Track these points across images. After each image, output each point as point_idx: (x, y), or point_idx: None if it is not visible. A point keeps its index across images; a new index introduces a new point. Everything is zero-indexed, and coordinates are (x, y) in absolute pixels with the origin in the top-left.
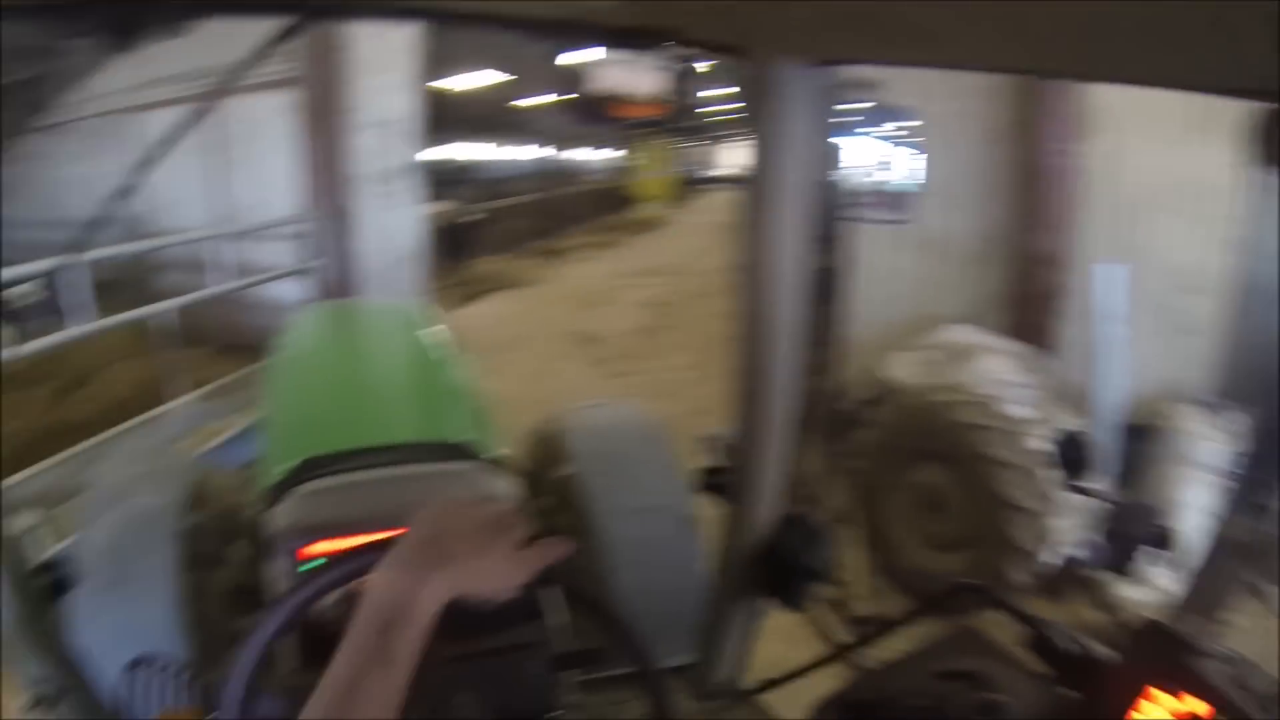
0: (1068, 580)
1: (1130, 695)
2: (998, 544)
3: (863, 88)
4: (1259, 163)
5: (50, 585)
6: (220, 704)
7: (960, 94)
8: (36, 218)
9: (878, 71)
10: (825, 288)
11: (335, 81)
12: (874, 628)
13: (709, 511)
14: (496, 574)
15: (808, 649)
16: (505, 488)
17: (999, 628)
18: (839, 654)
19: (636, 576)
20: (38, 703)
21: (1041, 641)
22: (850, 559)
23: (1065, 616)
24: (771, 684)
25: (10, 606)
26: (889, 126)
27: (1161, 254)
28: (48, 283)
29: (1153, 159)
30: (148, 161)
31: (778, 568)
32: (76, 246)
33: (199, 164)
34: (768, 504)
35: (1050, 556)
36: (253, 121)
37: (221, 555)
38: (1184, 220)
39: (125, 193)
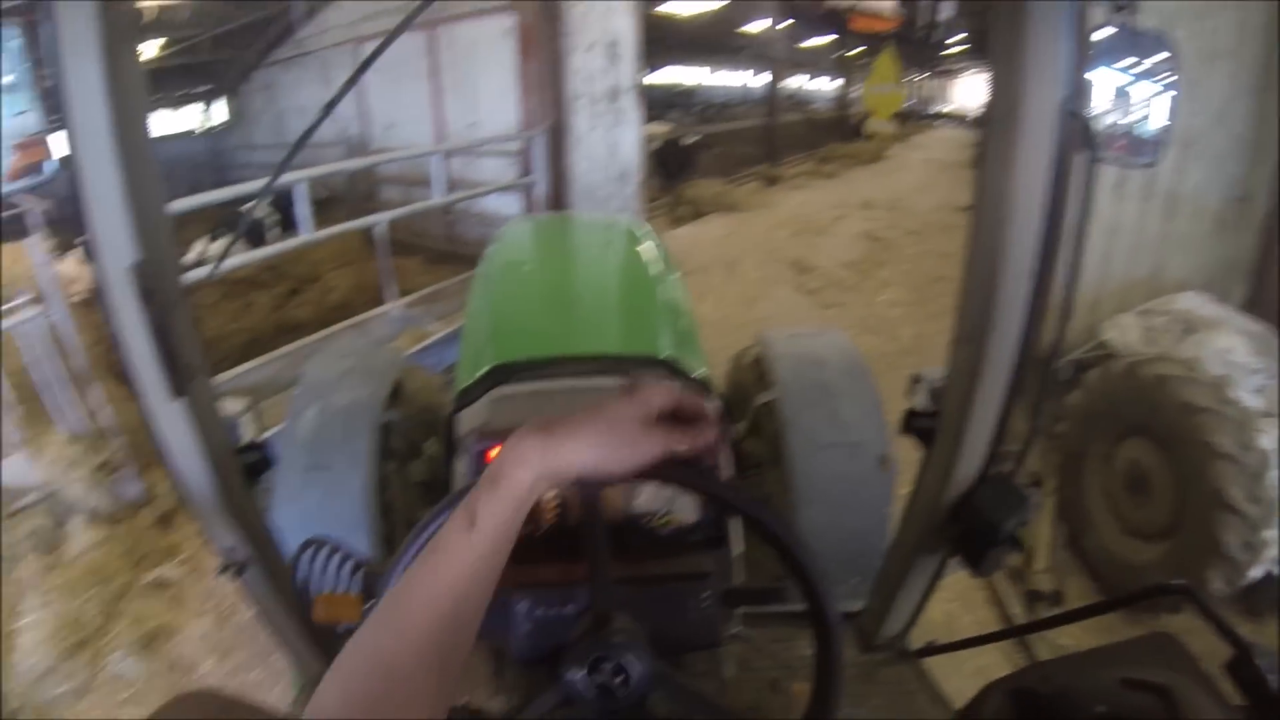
0: (1267, 600)
1: None
2: (1203, 543)
3: (1116, 10)
4: None
5: (252, 464)
6: (379, 592)
7: (1231, 33)
8: (272, 141)
9: None
10: (1060, 233)
11: (554, 3)
12: (1051, 608)
13: (908, 455)
14: (610, 454)
15: (982, 615)
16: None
17: (1191, 641)
18: (1011, 632)
19: (825, 513)
20: (226, 568)
21: (1244, 665)
22: (1040, 530)
23: (1262, 640)
24: (936, 650)
25: (212, 479)
26: (1142, 58)
27: None
28: (279, 198)
29: None
30: (353, 83)
31: (970, 526)
32: (301, 165)
33: (422, 87)
34: (970, 457)
35: (1259, 570)
36: (473, 45)
37: (417, 450)
38: None
39: (327, 111)
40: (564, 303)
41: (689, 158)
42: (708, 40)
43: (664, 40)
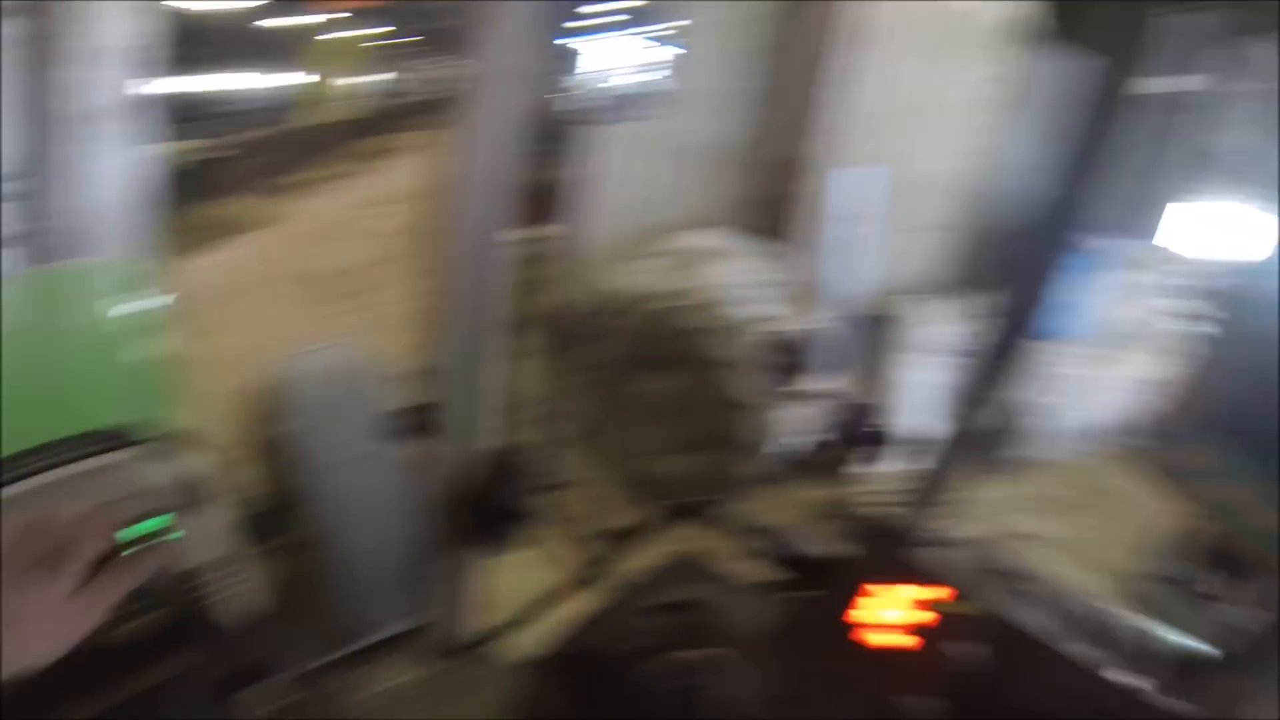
0: (805, 470)
1: (865, 588)
2: (725, 443)
3: None
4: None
5: None
6: None
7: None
8: None
9: None
10: (544, 201)
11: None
12: (612, 546)
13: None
14: (38, 635)
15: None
16: (167, 473)
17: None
18: (568, 589)
19: (355, 535)
20: None
21: (772, 548)
22: (599, 474)
23: (799, 508)
24: (493, 635)
25: None
26: (650, 26)
27: (907, 159)
28: None
29: (906, 74)
30: None
31: (491, 507)
32: None
33: None
34: (467, 441)
35: (775, 450)
36: None
37: None
38: (939, 129)
39: None
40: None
41: (207, 176)
42: (236, 40)
43: (187, 42)
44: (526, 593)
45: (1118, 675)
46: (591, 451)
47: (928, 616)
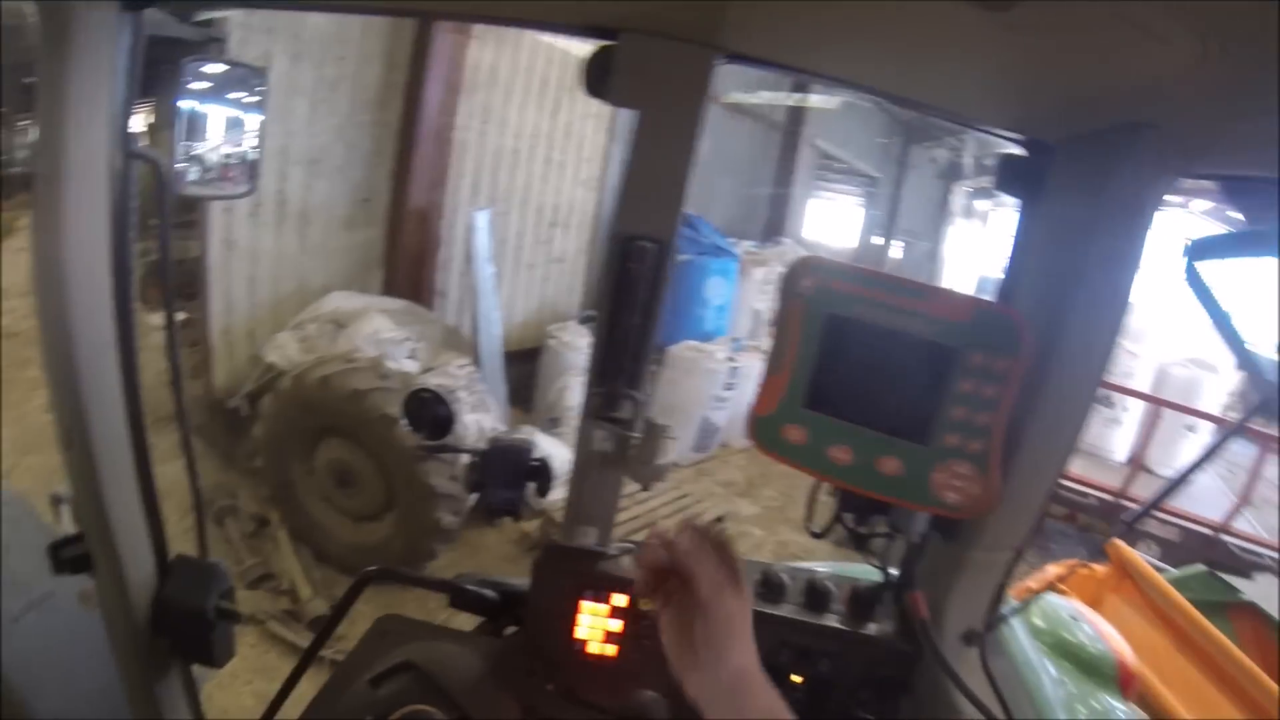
0: (486, 513)
1: (559, 613)
2: (418, 495)
3: (204, 47)
4: (587, 91)
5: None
6: None
7: (354, 61)
8: None
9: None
10: (168, 281)
11: None
12: (319, 627)
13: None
14: None
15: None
16: None
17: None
18: (286, 689)
19: (52, 689)
20: None
21: (460, 597)
22: (287, 564)
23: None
24: None
25: None
26: (243, 91)
27: (535, 196)
28: None
29: (524, 113)
30: None
31: (180, 626)
32: None
33: None
34: (137, 559)
35: (452, 500)
36: None
37: None
38: (552, 165)
39: None
40: None
41: None
42: None
43: None
44: (246, 700)
45: (819, 619)
46: (280, 534)
47: (635, 619)
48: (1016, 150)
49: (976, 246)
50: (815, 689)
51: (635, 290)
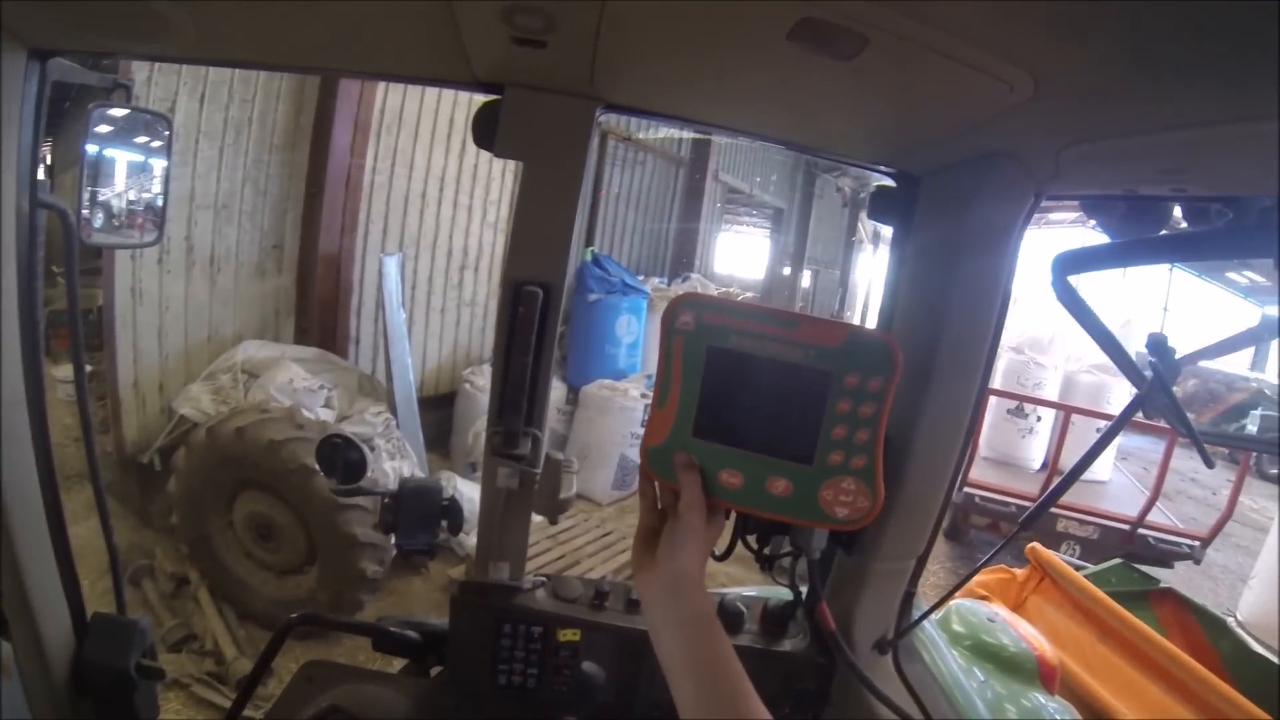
0: (405, 556)
1: (478, 649)
2: (341, 545)
3: (110, 93)
4: (476, 143)
5: None
6: None
7: (261, 101)
8: None
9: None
10: (74, 332)
11: None
12: (244, 683)
13: None
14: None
15: None
16: None
17: None
18: None
19: None
20: None
21: (383, 639)
22: (210, 623)
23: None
24: None
25: None
26: (148, 137)
27: (444, 239)
28: None
29: (430, 156)
30: None
31: (104, 690)
32: None
33: None
34: (53, 624)
35: (371, 547)
36: None
37: None
38: (460, 208)
39: None
40: None
41: None
42: None
43: None
44: None
45: (733, 640)
46: (200, 593)
47: (553, 650)
48: (888, 181)
49: (883, 272)
50: None
51: (527, 332)
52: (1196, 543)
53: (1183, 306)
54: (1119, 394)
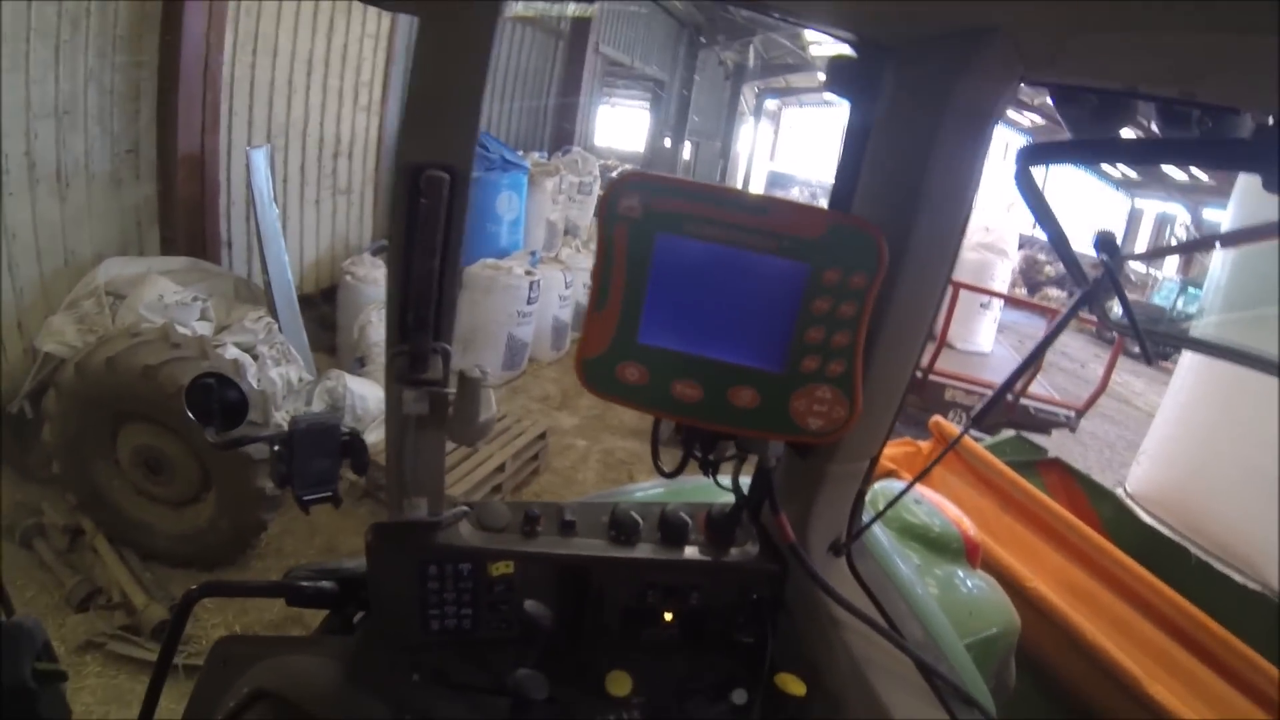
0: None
1: (404, 596)
2: (235, 465)
3: None
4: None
5: None
6: None
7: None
8: None
9: None
10: None
11: None
12: (161, 653)
13: None
14: None
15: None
16: None
17: None
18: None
19: None
20: None
21: (297, 596)
22: (114, 572)
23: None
24: None
25: None
26: None
27: (314, 127)
28: None
29: (295, 39)
30: None
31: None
32: None
33: None
34: None
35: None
36: None
37: None
38: (330, 92)
39: None
40: None
41: None
42: None
43: None
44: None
45: (680, 555)
46: (98, 542)
47: (486, 585)
48: (848, 51)
49: (767, 144)
50: (689, 623)
51: (433, 228)
52: (1072, 413)
53: (1059, 191)
54: (1002, 272)
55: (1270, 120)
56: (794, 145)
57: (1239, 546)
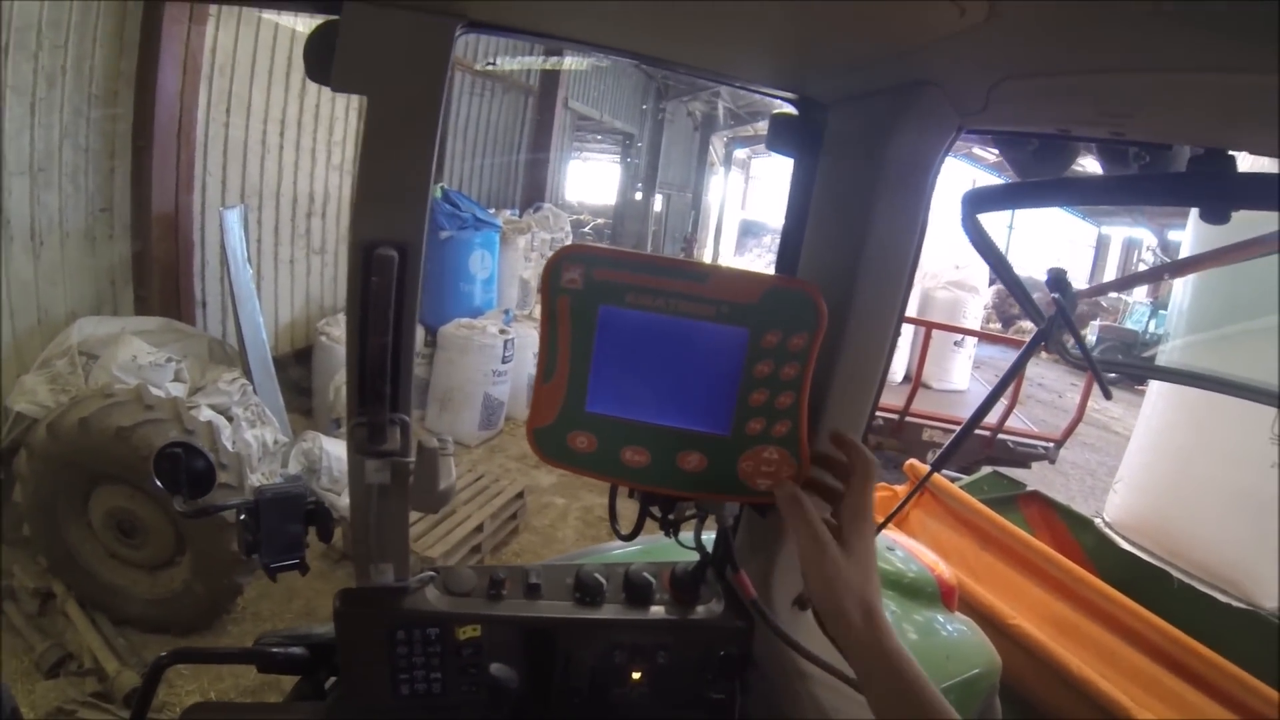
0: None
1: (373, 662)
2: (209, 528)
3: None
4: (310, 75)
5: None
6: None
7: (76, 45)
8: None
9: None
10: None
11: None
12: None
13: None
14: None
15: None
16: None
17: None
18: None
19: None
20: None
21: (268, 663)
22: (85, 636)
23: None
24: None
25: None
26: None
27: (288, 186)
28: None
29: (269, 98)
30: None
31: None
32: None
33: None
34: None
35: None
36: None
37: None
38: (303, 152)
39: None
40: None
41: None
42: None
43: None
44: None
45: (645, 614)
46: (69, 606)
47: (454, 649)
48: (788, 109)
49: (738, 193)
50: (659, 682)
51: (384, 305)
52: (1051, 444)
53: (1026, 223)
54: (973, 309)
55: (1204, 152)
56: (765, 193)
57: (1221, 568)
